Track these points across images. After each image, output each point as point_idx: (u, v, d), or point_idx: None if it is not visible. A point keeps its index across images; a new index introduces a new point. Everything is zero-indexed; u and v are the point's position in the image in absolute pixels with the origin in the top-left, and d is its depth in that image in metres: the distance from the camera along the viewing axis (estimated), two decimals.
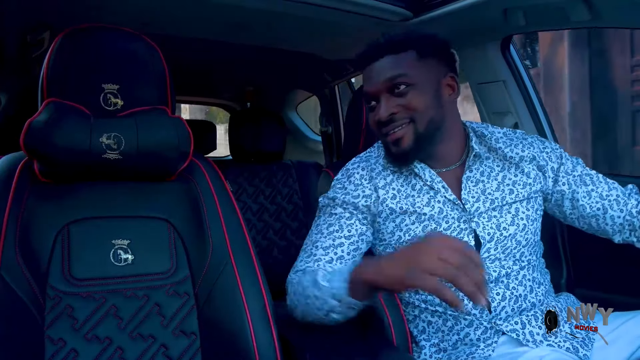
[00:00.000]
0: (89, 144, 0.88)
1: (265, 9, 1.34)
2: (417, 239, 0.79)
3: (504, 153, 1.06)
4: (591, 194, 1.05)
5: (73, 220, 0.92)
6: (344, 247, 1.01)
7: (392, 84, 0.98)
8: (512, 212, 1.02)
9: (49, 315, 0.86)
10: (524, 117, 1.50)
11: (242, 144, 2.11)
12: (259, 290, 0.95)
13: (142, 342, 0.90)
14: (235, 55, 2.00)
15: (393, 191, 1.03)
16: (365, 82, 1.04)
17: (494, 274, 0.98)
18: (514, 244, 1.00)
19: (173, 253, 0.96)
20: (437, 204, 1.01)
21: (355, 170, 1.07)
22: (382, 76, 0.99)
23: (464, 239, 0.98)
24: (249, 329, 0.91)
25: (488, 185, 1.03)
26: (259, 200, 2.08)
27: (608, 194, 1.04)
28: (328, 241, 1.01)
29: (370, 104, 1.04)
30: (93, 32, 0.98)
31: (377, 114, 1.00)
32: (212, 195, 1.00)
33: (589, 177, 1.06)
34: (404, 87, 0.98)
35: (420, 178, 1.03)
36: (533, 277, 1.02)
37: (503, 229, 1.00)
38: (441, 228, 1.00)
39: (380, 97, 1.00)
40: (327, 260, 0.99)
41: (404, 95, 0.98)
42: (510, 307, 0.97)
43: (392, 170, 1.05)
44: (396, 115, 0.99)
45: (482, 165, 1.05)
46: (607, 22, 1.21)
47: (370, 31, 1.37)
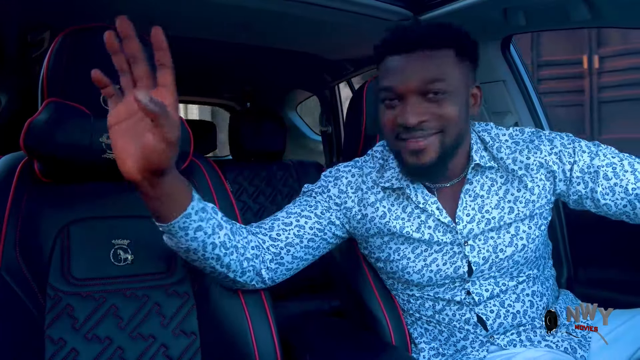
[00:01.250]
0: (89, 144, 0.88)
1: (266, 9, 1.34)
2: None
3: (506, 165, 0.94)
4: (615, 190, 0.89)
5: (73, 220, 0.92)
6: (296, 229, 0.93)
7: (426, 88, 0.84)
8: (511, 232, 0.93)
9: (49, 315, 0.86)
10: (524, 117, 1.50)
11: (242, 143, 2.11)
12: (258, 290, 0.95)
13: (142, 341, 0.90)
14: (235, 55, 2.00)
15: (383, 209, 0.96)
16: (389, 75, 0.88)
17: (485, 293, 0.93)
18: (510, 264, 0.93)
19: (173, 253, 0.96)
20: (427, 230, 0.93)
21: (345, 175, 0.99)
22: (416, 75, 0.84)
23: (457, 264, 0.92)
24: (248, 328, 0.91)
25: (487, 201, 0.93)
26: (259, 200, 2.08)
27: (635, 186, 0.88)
28: (285, 218, 0.94)
29: (390, 100, 0.88)
30: (93, 32, 0.98)
31: (403, 117, 0.85)
32: (211, 195, 1.00)
33: (612, 167, 0.90)
34: (440, 94, 0.85)
35: (412, 200, 0.95)
36: (532, 290, 0.96)
37: (500, 250, 0.92)
38: (432, 250, 0.93)
39: (407, 98, 0.85)
40: (268, 227, 0.92)
41: (438, 103, 0.85)
42: (509, 322, 0.94)
43: (383, 188, 0.96)
44: (425, 123, 0.85)
45: (483, 177, 0.95)
46: (607, 21, 1.21)
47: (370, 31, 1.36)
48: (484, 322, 0.94)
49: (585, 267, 1.36)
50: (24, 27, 1.42)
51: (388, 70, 0.88)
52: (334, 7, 1.34)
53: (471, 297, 0.94)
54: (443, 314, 0.96)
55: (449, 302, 0.96)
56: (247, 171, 2.10)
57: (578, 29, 1.29)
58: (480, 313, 0.94)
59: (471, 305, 0.94)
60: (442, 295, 0.95)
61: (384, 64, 0.90)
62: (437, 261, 0.93)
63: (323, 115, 2.58)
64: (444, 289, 0.95)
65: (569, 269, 1.39)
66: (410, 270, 0.95)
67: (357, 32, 1.53)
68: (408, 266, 0.95)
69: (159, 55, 0.64)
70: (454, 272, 0.93)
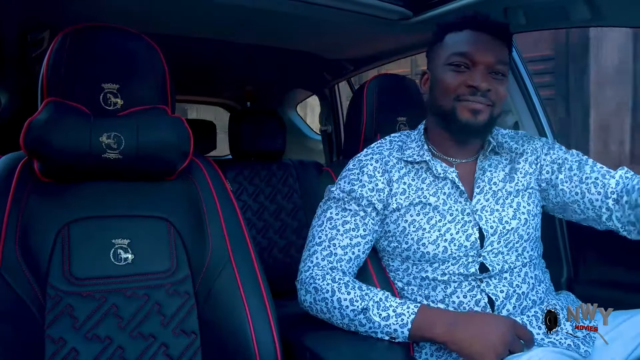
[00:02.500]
0: (89, 144, 0.88)
1: (266, 8, 1.34)
2: (487, 315, 0.93)
3: (510, 146, 1.09)
4: (572, 179, 1.03)
5: (73, 220, 0.92)
6: (360, 247, 1.02)
7: (495, 67, 0.99)
8: (513, 207, 1.03)
9: (49, 314, 0.86)
10: (524, 116, 1.50)
11: (242, 143, 2.11)
12: (258, 289, 0.95)
13: (143, 341, 0.90)
14: (235, 54, 2.00)
15: (404, 185, 1.04)
16: (469, 44, 1.00)
17: (497, 267, 0.99)
18: (516, 238, 1.01)
19: (173, 252, 0.96)
20: (442, 196, 1.02)
21: (369, 162, 1.07)
22: (494, 54, 0.99)
23: (468, 232, 0.99)
24: (249, 328, 0.91)
25: (495, 174, 1.06)
26: (259, 200, 2.08)
27: (588, 176, 1.01)
28: (345, 240, 1.02)
29: (460, 66, 1.00)
30: (93, 31, 0.98)
31: (476, 81, 0.98)
32: (212, 195, 1.00)
33: (578, 163, 1.04)
34: (501, 75, 1.00)
35: (432, 172, 1.04)
36: (535, 274, 1.03)
37: (505, 222, 1.01)
38: (445, 220, 1.00)
39: (478, 67, 0.99)
40: (347, 260, 1.01)
41: (497, 81, 1.00)
42: (512, 304, 0.98)
43: (406, 162, 1.06)
44: (489, 92, 0.99)
45: (492, 158, 1.08)
46: (608, 21, 1.20)
47: (370, 30, 1.37)
48: (493, 303, 0.97)
49: (585, 267, 1.36)
50: (24, 26, 1.42)
51: (469, 40, 1.01)
52: (334, 7, 1.34)
53: (484, 268, 0.98)
54: (454, 297, 0.99)
55: (462, 282, 0.98)
56: (247, 170, 2.10)
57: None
58: (491, 293, 0.97)
59: (485, 281, 0.98)
60: (456, 270, 0.98)
61: (461, 35, 1.02)
62: (451, 230, 1.00)
63: (323, 114, 2.58)
64: (459, 264, 0.99)
65: (569, 269, 1.39)
66: (425, 241, 0.99)
67: (357, 31, 1.53)
68: (423, 237, 1.00)
69: None
70: (467, 240, 0.99)
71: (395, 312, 0.92)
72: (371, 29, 1.46)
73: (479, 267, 0.99)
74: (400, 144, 1.11)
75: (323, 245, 1.02)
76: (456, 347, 0.87)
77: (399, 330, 0.91)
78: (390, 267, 1.07)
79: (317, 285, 0.97)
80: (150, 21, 1.47)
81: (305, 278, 1.00)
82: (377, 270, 1.06)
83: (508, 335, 0.86)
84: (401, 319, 0.91)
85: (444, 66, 1.02)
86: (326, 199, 1.08)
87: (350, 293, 0.95)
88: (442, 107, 1.03)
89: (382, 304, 0.93)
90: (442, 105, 1.03)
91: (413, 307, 0.92)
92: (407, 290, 1.03)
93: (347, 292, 0.95)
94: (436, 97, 1.04)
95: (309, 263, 1.01)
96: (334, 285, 0.96)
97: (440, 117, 1.05)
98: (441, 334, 0.89)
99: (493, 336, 0.85)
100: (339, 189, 1.06)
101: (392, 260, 1.06)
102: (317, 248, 1.02)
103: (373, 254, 1.08)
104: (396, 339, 0.92)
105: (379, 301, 0.93)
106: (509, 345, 0.86)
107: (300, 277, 1.01)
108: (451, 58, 1.01)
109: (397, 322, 0.91)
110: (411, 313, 0.91)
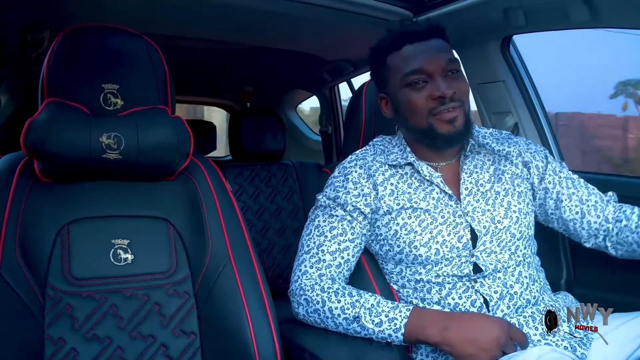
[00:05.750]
0: (89, 144, 0.88)
1: (266, 9, 1.34)
2: (481, 316, 0.91)
3: (492, 148, 1.10)
4: (572, 197, 1.07)
5: (73, 220, 0.92)
6: (349, 251, 1.02)
7: (448, 67, 0.99)
8: (504, 206, 1.03)
9: (48, 314, 0.86)
10: (524, 117, 1.50)
11: (242, 143, 2.11)
12: (258, 290, 0.95)
13: (142, 341, 0.90)
14: (235, 55, 2.01)
15: (391, 187, 1.04)
16: (415, 59, 0.99)
17: (490, 266, 0.99)
18: (508, 237, 1.01)
19: (173, 253, 0.96)
20: (431, 200, 1.02)
21: (353, 168, 1.06)
22: (442, 56, 0.99)
23: (460, 233, 0.99)
24: (248, 328, 0.91)
25: (481, 176, 1.06)
26: (258, 200, 2.08)
27: (587, 199, 1.07)
28: (333, 245, 1.01)
29: (418, 82, 0.99)
30: (93, 31, 0.98)
31: (440, 91, 0.97)
32: (211, 195, 1.00)
33: (571, 180, 1.09)
34: (457, 72, 1.00)
35: (419, 173, 1.04)
36: (529, 273, 1.03)
37: (497, 221, 1.01)
38: (437, 223, 1.00)
39: (435, 77, 0.98)
40: (336, 265, 1.01)
41: (456, 79, 1.00)
42: (506, 304, 0.97)
43: (390, 166, 1.06)
44: (455, 94, 0.98)
45: (475, 159, 1.08)
46: (607, 22, 1.21)
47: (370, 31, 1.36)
48: (487, 304, 0.97)
49: (585, 269, 1.36)
50: (24, 27, 1.42)
51: (414, 55, 1.00)
52: (334, 7, 1.34)
53: (478, 269, 0.98)
54: (449, 299, 0.98)
55: (456, 283, 0.98)
56: (247, 171, 2.10)
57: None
58: (485, 294, 0.97)
59: (479, 281, 0.98)
60: (449, 271, 0.98)
61: (402, 53, 1.01)
62: (442, 232, 0.99)
63: (323, 115, 2.58)
64: (452, 265, 0.98)
65: (569, 271, 1.39)
66: (417, 244, 0.99)
67: (357, 32, 1.53)
68: (415, 240, 0.99)
69: None
70: (458, 241, 0.98)
71: (387, 317, 0.91)
72: (371, 30, 1.46)
73: (473, 268, 0.98)
74: (383, 148, 1.11)
75: (311, 253, 1.02)
76: (449, 348, 0.87)
77: (393, 335, 0.91)
78: (385, 270, 1.07)
79: (307, 296, 0.97)
80: (150, 21, 1.47)
81: (295, 289, 1.00)
82: (375, 273, 1.05)
83: (502, 337, 0.86)
84: (394, 323, 0.91)
85: (403, 88, 1.01)
86: (314, 208, 1.08)
87: (341, 301, 0.94)
88: (418, 126, 1.02)
89: (374, 310, 0.92)
90: (417, 125, 1.02)
91: (405, 311, 0.92)
92: (403, 293, 1.03)
93: (338, 301, 0.95)
94: (408, 119, 1.03)
95: (298, 272, 1.01)
96: (324, 295, 0.96)
97: (419, 134, 1.04)
98: (434, 336, 0.88)
99: (486, 338, 0.85)
100: (325, 197, 1.06)
101: (385, 263, 1.06)
102: (306, 256, 1.02)
103: (370, 257, 1.07)
104: (392, 343, 0.92)
105: (370, 307, 0.93)
106: (502, 347, 0.85)
107: (291, 288, 1.01)
108: (406, 79, 1.00)
109: (391, 327, 0.91)
110: (403, 317, 0.91)
